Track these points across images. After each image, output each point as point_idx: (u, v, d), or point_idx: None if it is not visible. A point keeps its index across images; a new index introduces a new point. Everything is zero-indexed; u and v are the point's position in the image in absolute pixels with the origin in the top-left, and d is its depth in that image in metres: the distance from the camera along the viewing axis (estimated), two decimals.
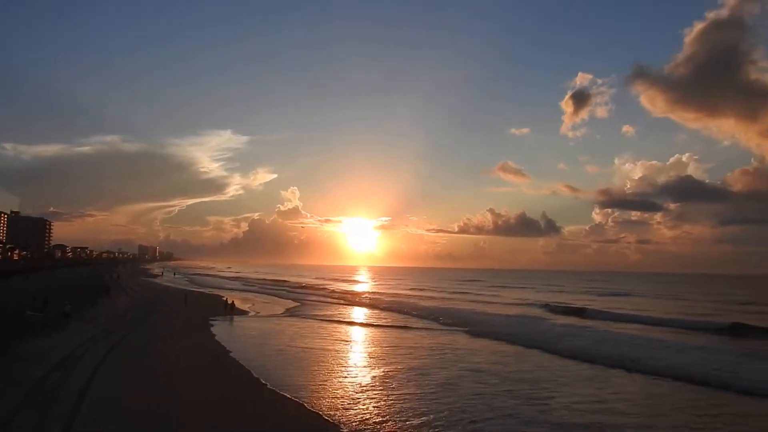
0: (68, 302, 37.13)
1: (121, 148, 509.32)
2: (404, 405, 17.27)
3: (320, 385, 20.03)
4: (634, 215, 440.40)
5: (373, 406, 17.11)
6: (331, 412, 16.20)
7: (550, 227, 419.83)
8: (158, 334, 31.96)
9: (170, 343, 28.73)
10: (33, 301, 42.67)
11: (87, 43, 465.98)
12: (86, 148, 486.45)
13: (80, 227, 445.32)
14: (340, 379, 21.19)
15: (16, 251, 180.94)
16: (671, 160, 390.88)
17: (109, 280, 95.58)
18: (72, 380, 18.59)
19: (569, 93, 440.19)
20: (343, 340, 32.54)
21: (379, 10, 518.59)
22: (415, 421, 15.51)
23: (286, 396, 18.02)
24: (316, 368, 23.41)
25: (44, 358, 22.05)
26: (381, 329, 39.58)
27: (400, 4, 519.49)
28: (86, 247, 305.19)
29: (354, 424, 15.25)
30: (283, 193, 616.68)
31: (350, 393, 18.87)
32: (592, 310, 55.93)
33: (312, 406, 16.84)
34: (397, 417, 15.94)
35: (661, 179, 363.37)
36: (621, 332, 37.18)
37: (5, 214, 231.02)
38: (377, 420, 15.62)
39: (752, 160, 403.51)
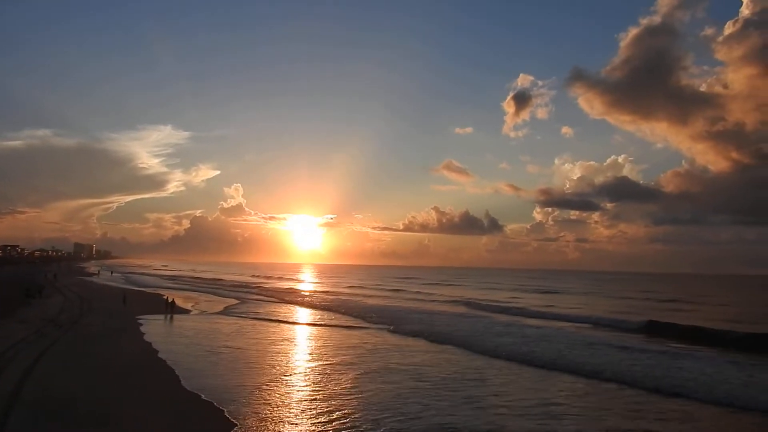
0: None
1: (54, 142, 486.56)
2: (320, 404, 17.79)
3: (241, 384, 20.34)
4: (573, 214, 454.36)
5: (284, 404, 17.71)
6: (238, 414, 16.37)
7: (493, 225, 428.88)
8: (93, 336, 31.88)
9: (104, 345, 28.89)
10: None
11: (17, 34, 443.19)
12: (16, 143, 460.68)
13: (10, 224, 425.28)
14: (263, 378, 21.63)
15: None
16: (608, 161, 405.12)
17: (44, 279, 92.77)
18: (2, 383, 18.71)
19: (511, 94, 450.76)
20: (275, 340, 33.32)
21: (323, 10, 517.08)
22: (332, 422, 16.00)
23: (200, 396, 18.34)
24: (242, 367, 23.96)
25: None
26: (315, 328, 40.83)
27: (344, 4, 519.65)
28: (17, 245, 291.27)
29: (254, 422, 15.70)
30: (226, 189, 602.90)
31: (268, 392, 19.36)
32: (517, 308, 58.54)
33: (220, 404, 17.22)
34: (305, 416, 16.48)
35: (599, 179, 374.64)
36: (544, 330, 38.61)
37: None
38: (283, 419, 16.11)
39: (683, 162, 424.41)
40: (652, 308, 64.49)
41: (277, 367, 24.25)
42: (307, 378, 22.20)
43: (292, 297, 73.48)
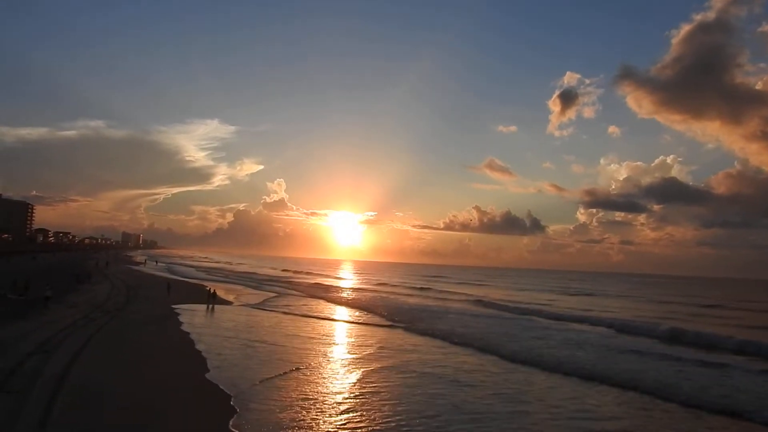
0: (49, 286, 38.25)
1: (106, 133, 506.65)
2: (323, 401, 17.77)
3: (258, 377, 20.72)
4: (618, 216, 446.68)
5: (288, 398, 17.85)
6: (242, 405, 16.71)
7: (535, 226, 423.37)
8: (137, 324, 33.12)
9: (146, 333, 30.02)
10: (14, 284, 43.89)
11: (72, 25, 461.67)
12: (70, 133, 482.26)
13: (63, 212, 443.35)
14: (276, 372, 21.83)
15: None
16: (656, 161, 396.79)
17: (93, 266, 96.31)
18: (51, 365, 19.60)
19: (557, 92, 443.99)
20: (294, 334, 33.24)
21: (368, 7, 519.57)
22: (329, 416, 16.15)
23: (218, 386, 18.86)
24: (267, 360, 24.33)
25: (24, 341, 23.24)
26: (337, 324, 41.19)
27: (387, 3, 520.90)
28: (69, 233, 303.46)
29: (253, 405, 16.58)
30: (269, 184, 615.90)
31: (277, 386, 19.55)
32: (548, 311, 56.67)
33: (231, 394, 17.79)
34: (306, 409, 16.56)
35: (646, 180, 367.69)
36: (576, 334, 38.04)
37: None
38: (282, 410, 16.37)
39: (735, 163, 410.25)
40: (688, 313, 62.49)
41: (292, 362, 24.16)
42: (314, 375, 22.07)
43: (319, 292, 73.58)
